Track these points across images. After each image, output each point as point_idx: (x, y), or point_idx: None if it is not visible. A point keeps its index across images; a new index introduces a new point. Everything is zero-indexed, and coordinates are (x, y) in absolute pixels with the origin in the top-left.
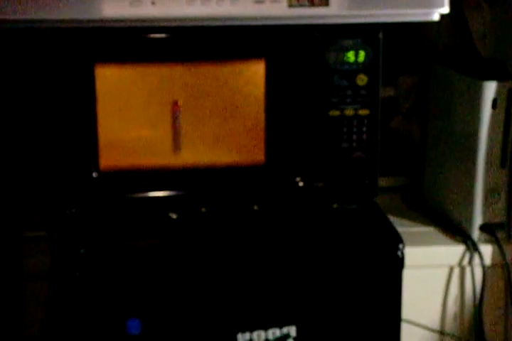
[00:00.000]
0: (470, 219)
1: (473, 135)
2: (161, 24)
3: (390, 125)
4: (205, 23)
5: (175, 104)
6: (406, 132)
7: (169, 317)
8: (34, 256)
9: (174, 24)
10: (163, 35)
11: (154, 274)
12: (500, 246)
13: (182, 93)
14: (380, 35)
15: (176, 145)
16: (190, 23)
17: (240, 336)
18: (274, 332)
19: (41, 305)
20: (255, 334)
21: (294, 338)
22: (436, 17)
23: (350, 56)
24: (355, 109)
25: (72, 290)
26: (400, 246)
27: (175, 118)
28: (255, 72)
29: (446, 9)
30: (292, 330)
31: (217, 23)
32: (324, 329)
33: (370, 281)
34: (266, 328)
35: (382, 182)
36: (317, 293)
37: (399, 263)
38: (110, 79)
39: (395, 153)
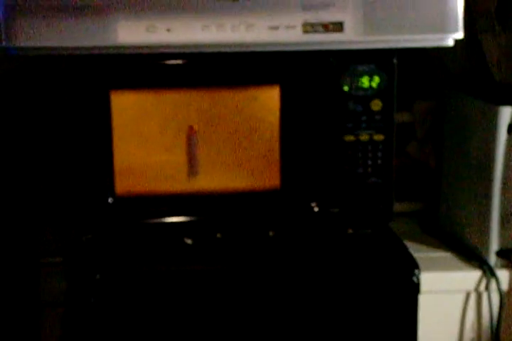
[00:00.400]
0: (486, 244)
1: (489, 160)
2: (176, 50)
3: (406, 150)
4: (220, 50)
5: (190, 129)
6: (422, 157)
7: None
8: (50, 282)
9: (189, 50)
10: (178, 62)
11: (169, 300)
12: None
13: (197, 119)
14: (395, 61)
15: (191, 171)
16: (205, 50)
17: None
18: None
19: (57, 331)
20: None
21: None
22: (450, 42)
23: (365, 81)
24: (370, 135)
25: (87, 315)
26: (416, 271)
27: (190, 143)
28: (270, 97)
29: (460, 34)
30: None
31: (232, 50)
32: None
33: (386, 307)
34: None
35: (398, 207)
36: (332, 318)
37: (414, 288)
38: (126, 106)
39: (410, 178)
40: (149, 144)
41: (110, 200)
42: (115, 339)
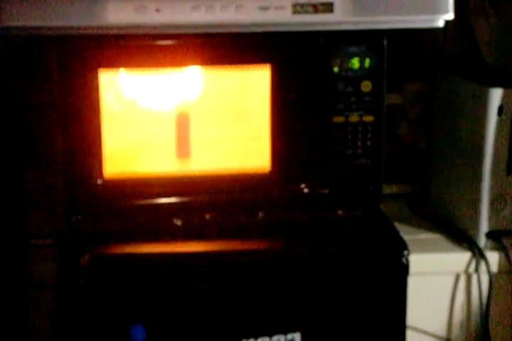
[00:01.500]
0: (476, 226)
1: (479, 142)
2: (166, 31)
3: (396, 132)
4: (210, 30)
5: (179, 111)
6: (412, 139)
7: (173, 322)
8: (39, 263)
9: (179, 31)
10: (167, 42)
11: (158, 280)
12: (506, 253)
13: (187, 100)
14: (385, 42)
15: (181, 152)
16: (195, 30)
17: None
18: (279, 339)
19: (46, 312)
20: (260, 340)
21: None
22: (441, 23)
23: (355, 62)
24: (360, 116)
25: (76, 296)
26: (405, 252)
27: (179, 125)
28: (260, 78)
29: (450, 15)
30: (297, 337)
31: (222, 30)
32: (329, 336)
33: (375, 288)
34: (270, 335)
35: (388, 189)
36: (321, 300)
37: (404, 269)
38: (114, 86)
39: (401, 160)
40: (139, 125)
41: (99, 181)
42: (104, 319)
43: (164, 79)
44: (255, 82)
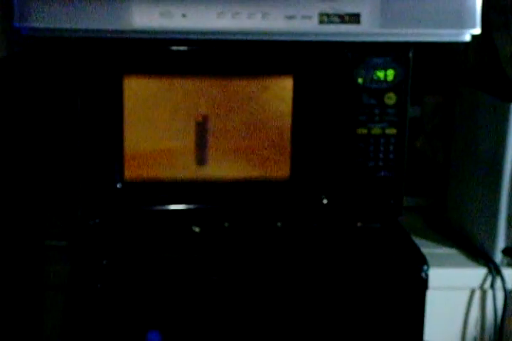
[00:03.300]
0: (493, 241)
1: (499, 157)
2: (191, 37)
3: (414, 144)
4: (235, 37)
5: (200, 117)
6: (429, 152)
7: (189, 329)
8: (54, 265)
9: (204, 37)
10: (192, 48)
11: (175, 287)
12: None
13: (208, 106)
14: (411, 54)
15: (201, 159)
16: (220, 37)
17: None
18: None
19: (59, 314)
20: None
21: None
22: (467, 38)
23: (380, 74)
24: (383, 128)
25: (93, 301)
26: (425, 267)
27: (200, 131)
28: (283, 87)
29: (477, 30)
30: None
31: (248, 38)
32: None
33: (393, 302)
34: None
35: (404, 201)
36: (339, 313)
37: (423, 284)
38: (138, 91)
39: (418, 173)
40: (159, 130)
41: (119, 185)
42: (120, 325)
43: (187, 85)
44: (278, 91)
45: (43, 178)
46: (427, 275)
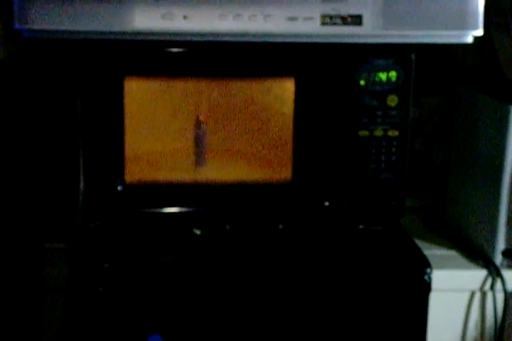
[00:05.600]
0: (493, 243)
1: (499, 158)
2: (192, 39)
3: (413, 146)
4: (237, 39)
5: (202, 119)
6: (428, 153)
7: (190, 333)
8: (54, 267)
9: (205, 39)
10: (193, 50)
11: (177, 290)
12: None
13: (210, 108)
14: (413, 56)
15: (201, 161)
16: (222, 39)
17: None
18: None
19: (59, 316)
20: None
21: None
22: (469, 39)
23: (382, 76)
24: (385, 130)
25: (94, 304)
26: (428, 270)
27: (201, 133)
28: (285, 89)
29: (480, 32)
30: None
31: (249, 39)
32: None
33: (396, 305)
34: None
35: None
36: (343, 316)
37: (426, 287)
38: (139, 93)
39: (416, 174)
40: (161, 133)
41: (120, 188)
42: (121, 329)
43: (188, 87)
44: (279, 93)
45: (44, 180)
46: (430, 278)
